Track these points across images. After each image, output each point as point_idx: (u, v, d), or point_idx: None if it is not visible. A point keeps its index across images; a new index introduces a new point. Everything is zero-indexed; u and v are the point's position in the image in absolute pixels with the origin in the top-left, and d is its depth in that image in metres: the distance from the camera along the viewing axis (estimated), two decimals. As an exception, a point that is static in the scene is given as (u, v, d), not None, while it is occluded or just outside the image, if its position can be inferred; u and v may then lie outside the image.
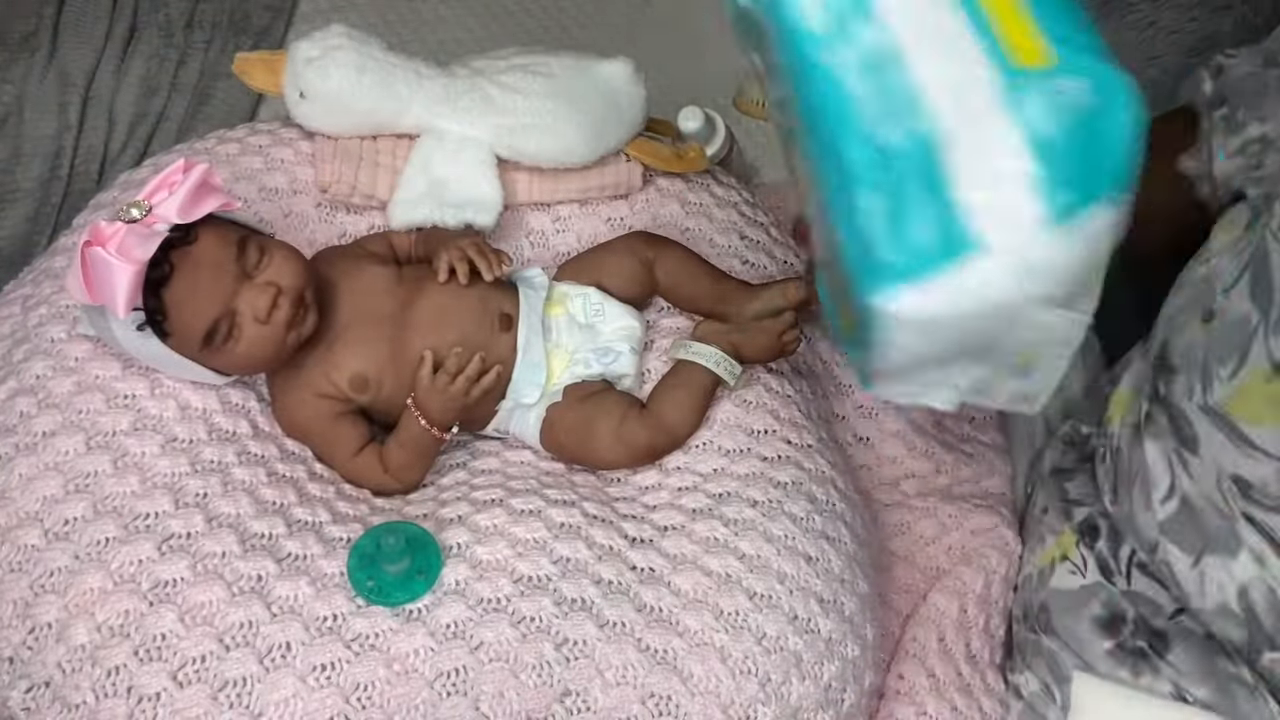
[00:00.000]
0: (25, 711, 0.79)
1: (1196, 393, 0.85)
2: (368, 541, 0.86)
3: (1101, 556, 1.01)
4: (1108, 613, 0.98)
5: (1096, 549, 1.02)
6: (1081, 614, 0.98)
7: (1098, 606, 0.98)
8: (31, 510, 0.86)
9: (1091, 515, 1.04)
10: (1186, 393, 0.86)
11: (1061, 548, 1.04)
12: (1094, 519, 1.04)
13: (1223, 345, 0.83)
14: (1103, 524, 1.03)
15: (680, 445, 0.99)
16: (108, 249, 0.82)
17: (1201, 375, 0.85)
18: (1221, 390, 0.83)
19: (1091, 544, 1.02)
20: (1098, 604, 0.98)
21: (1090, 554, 1.01)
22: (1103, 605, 0.98)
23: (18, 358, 0.96)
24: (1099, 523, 1.03)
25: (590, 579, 0.85)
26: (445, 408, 0.94)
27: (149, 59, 1.60)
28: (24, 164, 1.45)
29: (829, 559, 0.91)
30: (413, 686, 0.79)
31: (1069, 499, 1.08)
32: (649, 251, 1.07)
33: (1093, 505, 1.05)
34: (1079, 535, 1.03)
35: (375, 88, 1.08)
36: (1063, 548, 1.04)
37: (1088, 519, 1.04)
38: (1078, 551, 1.02)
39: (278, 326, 0.91)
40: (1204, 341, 0.85)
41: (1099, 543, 1.02)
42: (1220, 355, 0.83)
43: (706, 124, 1.34)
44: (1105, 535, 1.02)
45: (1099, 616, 0.98)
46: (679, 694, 0.80)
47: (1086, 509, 1.05)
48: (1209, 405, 0.84)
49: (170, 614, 0.81)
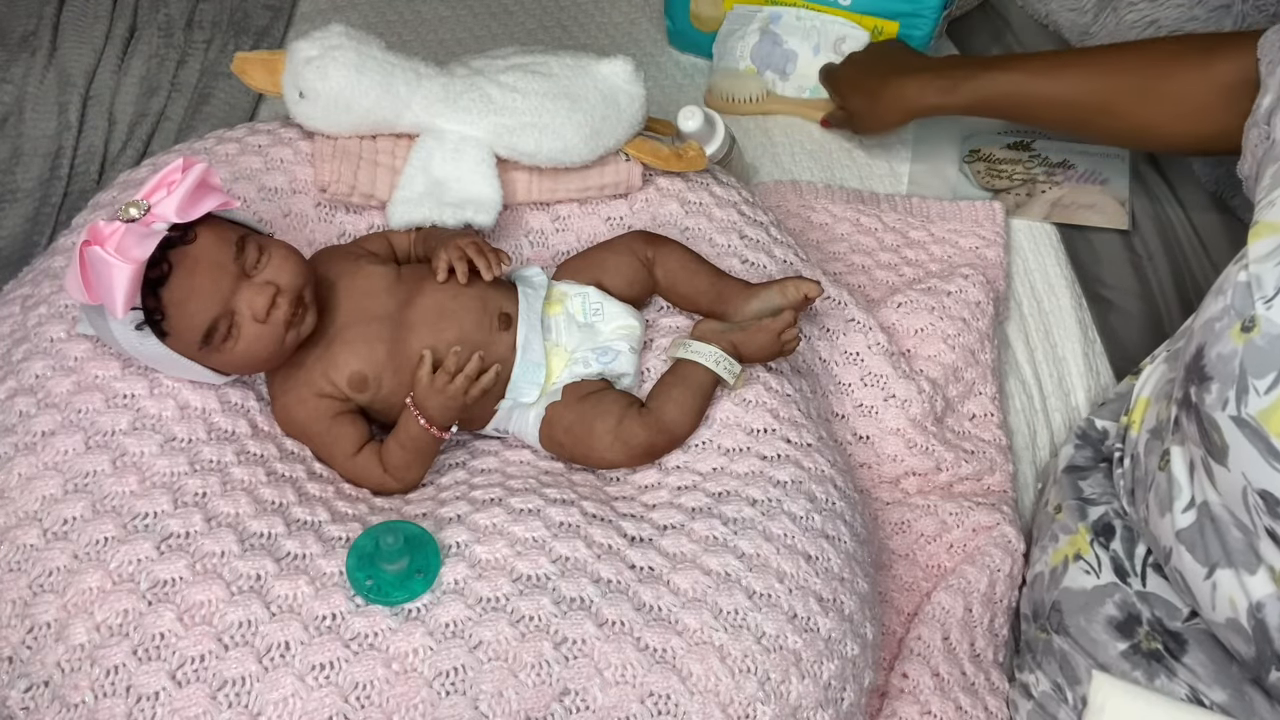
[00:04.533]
0: (24, 711, 0.79)
1: (1230, 403, 0.83)
2: (366, 541, 0.86)
3: (1116, 557, 1.00)
4: (1122, 614, 0.97)
5: (1111, 549, 1.01)
6: (1095, 614, 0.97)
7: (1112, 607, 0.97)
8: (30, 510, 0.86)
9: (1107, 514, 1.03)
10: (1220, 403, 0.84)
11: (1075, 546, 1.03)
12: (1109, 518, 1.03)
13: (1262, 357, 0.81)
14: (1118, 524, 1.02)
15: (679, 444, 0.99)
16: (106, 248, 0.82)
17: (1237, 386, 0.83)
18: (1256, 403, 0.81)
19: (1106, 543, 1.01)
20: (1112, 605, 0.97)
21: (1105, 553, 1.00)
22: (1117, 606, 0.97)
23: (17, 357, 0.96)
24: (1114, 522, 1.02)
25: (589, 578, 0.85)
26: (444, 407, 0.94)
27: (149, 59, 1.60)
28: (24, 164, 1.45)
29: (828, 558, 0.91)
30: (411, 686, 0.79)
31: (1083, 497, 1.07)
32: (648, 250, 1.07)
33: (1108, 504, 1.04)
34: (1093, 534, 1.02)
35: (375, 87, 1.08)
36: (1076, 546, 1.03)
37: (1102, 518, 1.03)
38: (1092, 551, 1.01)
39: (276, 326, 0.91)
40: (1242, 351, 0.83)
41: (1114, 542, 1.01)
42: (1259, 368, 0.81)
43: (706, 124, 1.34)
44: (1120, 535, 1.01)
45: (1113, 617, 0.97)
46: (678, 693, 0.80)
47: (1102, 508, 1.04)
48: (1242, 417, 0.82)
49: (169, 613, 0.81)
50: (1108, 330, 1.36)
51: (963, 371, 1.22)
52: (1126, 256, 1.42)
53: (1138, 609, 0.97)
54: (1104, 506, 1.04)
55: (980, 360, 1.25)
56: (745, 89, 1.59)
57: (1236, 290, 0.85)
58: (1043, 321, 1.36)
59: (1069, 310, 1.36)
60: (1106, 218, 1.45)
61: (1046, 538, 1.07)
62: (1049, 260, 1.42)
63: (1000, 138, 1.57)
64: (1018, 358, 1.32)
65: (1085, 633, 0.97)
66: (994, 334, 1.28)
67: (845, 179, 1.53)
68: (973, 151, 1.55)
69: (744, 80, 1.59)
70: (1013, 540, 1.09)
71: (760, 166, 1.54)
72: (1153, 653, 0.94)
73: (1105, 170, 1.50)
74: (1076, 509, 1.06)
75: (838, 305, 1.18)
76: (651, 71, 1.67)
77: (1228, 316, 0.85)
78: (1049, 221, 1.46)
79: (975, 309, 1.26)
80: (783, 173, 1.53)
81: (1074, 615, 0.99)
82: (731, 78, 1.60)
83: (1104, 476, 1.08)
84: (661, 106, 1.56)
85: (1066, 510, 1.07)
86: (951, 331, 1.22)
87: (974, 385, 1.24)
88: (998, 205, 1.44)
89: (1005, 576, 1.08)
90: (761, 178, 1.52)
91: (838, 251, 1.38)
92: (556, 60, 1.14)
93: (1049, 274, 1.40)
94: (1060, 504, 1.08)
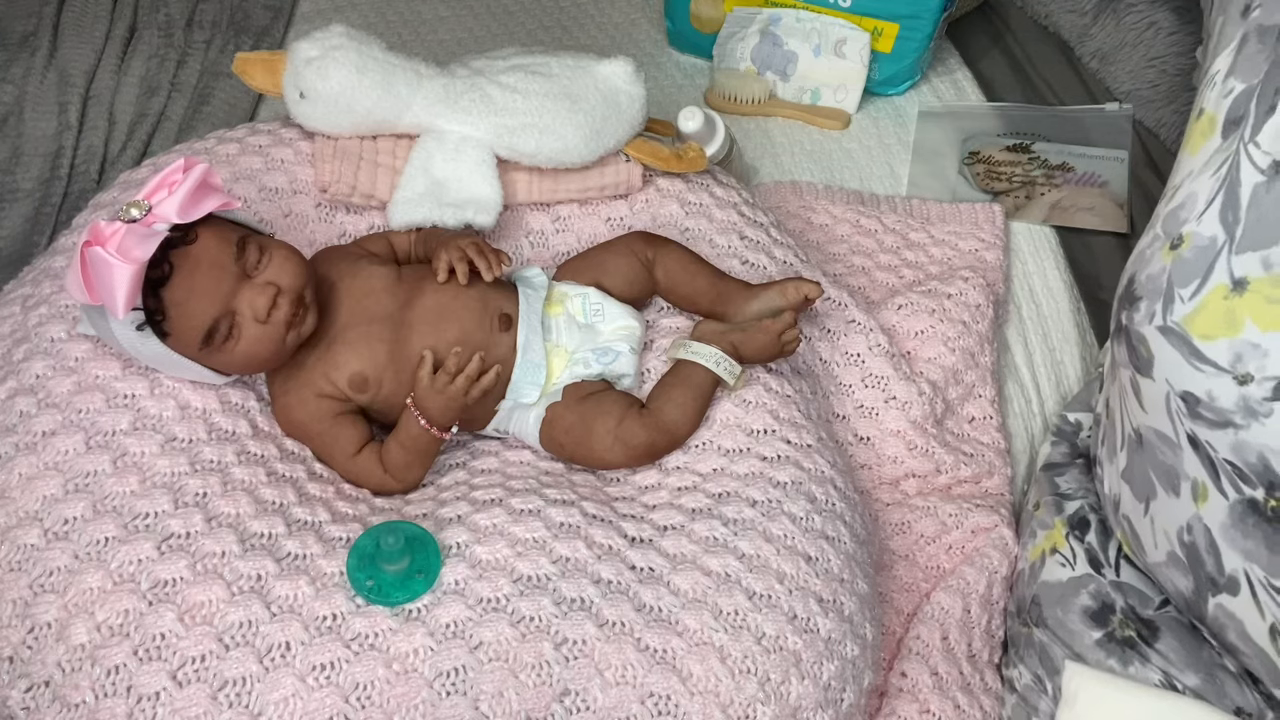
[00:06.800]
0: (25, 711, 0.79)
1: (1157, 315, 0.87)
2: (367, 541, 0.86)
3: (1091, 549, 1.02)
4: (1097, 603, 0.99)
5: (1086, 541, 1.03)
6: (1071, 605, 0.99)
7: (1087, 597, 0.99)
8: (31, 510, 0.86)
9: (1082, 509, 1.06)
10: (1148, 317, 0.88)
11: (1052, 541, 1.05)
12: (1084, 512, 1.05)
13: (1188, 268, 0.85)
14: (1092, 518, 1.04)
15: (679, 445, 0.99)
16: (107, 248, 0.82)
17: (1164, 299, 0.87)
18: (1181, 309, 0.85)
19: (1081, 536, 1.03)
20: (1087, 595, 0.99)
21: (1080, 546, 1.03)
22: (1092, 596, 0.99)
23: (18, 357, 0.96)
24: (1089, 516, 1.05)
25: (589, 578, 0.85)
26: (445, 407, 0.94)
27: (149, 59, 1.60)
28: (24, 164, 1.45)
29: (828, 559, 0.91)
30: (412, 686, 0.79)
31: (1060, 493, 1.09)
32: (648, 251, 1.07)
33: (1083, 499, 1.06)
34: (1069, 528, 1.05)
35: (375, 88, 1.08)
36: (1053, 541, 1.05)
37: (1078, 512, 1.06)
38: (1068, 544, 1.03)
39: (277, 326, 0.91)
40: (1170, 267, 0.87)
41: (1089, 535, 1.03)
42: (1184, 277, 0.86)
43: (706, 124, 1.34)
44: (1095, 529, 1.03)
45: (1088, 607, 0.99)
46: (678, 693, 0.80)
47: (1077, 503, 1.07)
48: (1167, 325, 0.86)
49: (170, 613, 0.81)
50: (1106, 334, 1.36)
51: (962, 374, 1.23)
52: (1125, 260, 1.42)
53: (1111, 598, 0.99)
54: (1079, 501, 1.06)
55: (980, 363, 1.25)
56: (748, 90, 1.59)
57: (1165, 219, 0.90)
58: (1041, 325, 1.36)
59: (1068, 314, 1.37)
60: (1105, 220, 1.45)
61: (1028, 535, 1.09)
62: (1048, 264, 1.42)
63: (1000, 140, 1.57)
64: (1016, 361, 1.32)
65: (1062, 623, 0.99)
66: (993, 337, 1.28)
67: (845, 180, 1.53)
68: (972, 154, 1.55)
69: (747, 81, 1.59)
70: (1010, 543, 1.09)
71: (760, 167, 1.54)
72: (1126, 640, 0.96)
73: (1104, 173, 1.50)
74: (1053, 504, 1.08)
75: (838, 306, 1.18)
76: (651, 72, 1.67)
77: (1157, 242, 0.90)
78: (1048, 224, 1.46)
79: (975, 312, 1.26)
80: (783, 174, 1.53)
81: (1051, 607, 1.01)
82: (735, 77, 1.60)
83: (1079, 472, 1.11)
84: (661, 107, 1.56)
85: (1044, 506, 1.09)
86: (952, 334, 1.23)
87: (973, 388, 1.24)
88: (997, 208, 1.45)
89: (1002, 578, 1.08)
90: (761, 179, 1.52)
91: (837, 253, 1.38)
92: (557, 61, 1.14)
93: (1048, 277, 1.41)
94: (1039, 500, 1.10)
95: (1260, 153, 0.83)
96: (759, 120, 1.61)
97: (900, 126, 1.61)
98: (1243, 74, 0.87)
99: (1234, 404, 0.83)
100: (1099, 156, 1.52)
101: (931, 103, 1.64)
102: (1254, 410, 0.82)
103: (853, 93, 1.59)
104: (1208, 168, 0.88)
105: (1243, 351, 0.82)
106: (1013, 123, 1.60)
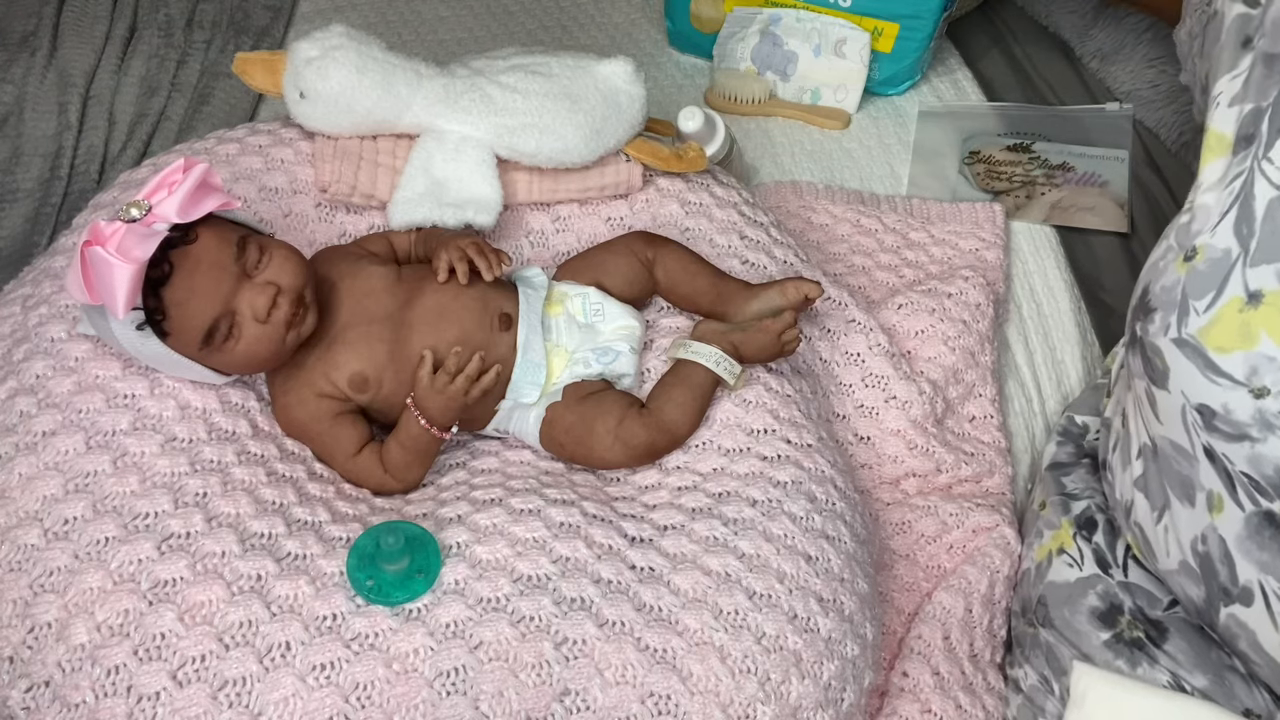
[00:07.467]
0: (25, 711, 0.79)
1: (1171, 327, 0.87)
2: (367, 541, 0.86)
3: (1099, 549, 1.02)
4: (1105, 604, 0.99)
5: (1094, 541, 1.02)
6: (1079, 606, 0.99)
7: (1095, 598, 0.99)
8: (31, 510, 0.86)
9: (1089, 509, 1.05)
10: (1162, 329, 0.88)
11: (1059, 541, 1.04)
12: (1091, 512, 1.05)
13: (1202, 280, 0.85)
14: (1100, 518, 1.04)
15: (679, 445, 0.99)
16: (107, 248, 0.82)
17: (1179, 311, 0.87)
18: (1195, 322, 0.85)
19: (1089, 536, 1.03)
20: (1095, 596, 0.99)
21: (1088, 546, 1.02)
22: (1100, 597, 0.99)
23: (18, 357, 0.96)
24: (1096, 516, 1.04)
25: (590, 578, 0.85)
26: (445, 407, 0.94)
27: (149, 59, 1.60)
28: (24, 164, 1.45)
29: (828, 558, 0.91)
30: (412, 686, 0.79)
31: (1066, 493, 1.08)
32: (648, 251, 1.07)
33: (1090, 499, 1.06)
34: (1076, 528, 1.04)
35: (375, 88, 1.08)
36: (1060, 541, 1.04)
37: (1085, 512, 1.05)
38: (1075, 544, 1.03)
39: (277, 326, 0.91)
40: (1184, 279, 0.87)
41: (1096, 535, 1.03)
42: (1199, 290, 0.85)
43: (706, 124, 1.34)
44: (1102, 529, 1.03)
45: (1096, 608, 0.99)
46: (678, 693, 0.80)
47: (1084, 502, 1.06)
48: (1183, 337, 0.86)
49: (170, 613, 0.81)
50: (1106, 334, 1.36)
51: (963, 373, 1.23)
52: (1126, 260, 1.42)
53: (1120, 599, 0.98)
54: (1086, 501, 1.06)
55: (980, 362, 1.25)
56: (748, 90, 1.59)
57: (1178, 231, 0.89)
58: (1042, 324, 1.36)
59: (1068, 314, 1.37)
60: (1106, 220, 1.45)
61: (1033, 534, 1.09)
62: (1048, 263, 1.42)
63: (1000, 139, 1.57)
64: (1017, 360, 1.32)
65: (1069, 624, 0.99)
66: (994, 336, 1.28)
67: (845, 180, 1.53)
68: (972, 153, 1.55)
69: (747, 81, 1.59)
70: (1011, 542, 1.09)
71: (760, 167, 1.54)
72: (1135, 641, 0.96)
73: (1105, 172, 1.50)
74: (1060, 504, 1.08)
75: (838, 306, 1.18)
76: (651, 72, 1.67)
77: (1170, 254, 0.89)
78: (1049, 224, 1.46)
79: (975, 311, 1.26)
80: (783, 173, 1.53)
81: (1058, 607, 1.00)
82: (735, 77, 1.60)
83: (1086, 472, 1.10)
84: (661, 107, 1.57)
85: (1050, 506, 1.08)
86: (952, 333, 1.23)
87: (974, 387, 1.24)
88: (998, 207, 1.45)
89: (1004, 578, 1.08)
90: (762, 178, 1.52)
91: (838, 252, 1.38)
92: (557, 61, 1.14)
93: (1048, 277, 1.41)
94: (1045, 500, 1.10)
95: (1275, 169, 0.83)
96: (759, 120, 1.61)
97: (900, 126, 1.61)
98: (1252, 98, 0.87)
99: (1250, 417, 0.82)
100: (1099, 156, 1.52)
101: (932, 103, 1.64)
102: (1270, 424, 0.81)
103: (853, 93, 1.59)
104: (1220, 183, 0.87)
105: (1258, 365, 0.81)
106: (1013, 123, 1.60)
